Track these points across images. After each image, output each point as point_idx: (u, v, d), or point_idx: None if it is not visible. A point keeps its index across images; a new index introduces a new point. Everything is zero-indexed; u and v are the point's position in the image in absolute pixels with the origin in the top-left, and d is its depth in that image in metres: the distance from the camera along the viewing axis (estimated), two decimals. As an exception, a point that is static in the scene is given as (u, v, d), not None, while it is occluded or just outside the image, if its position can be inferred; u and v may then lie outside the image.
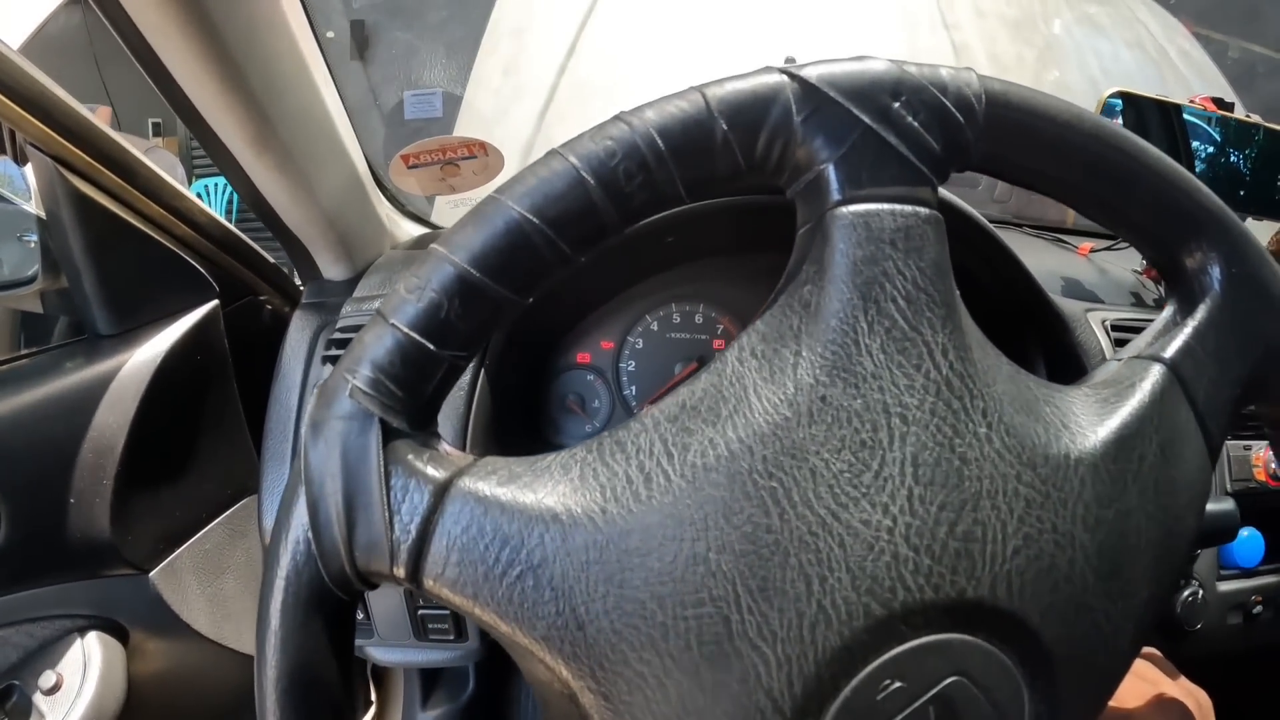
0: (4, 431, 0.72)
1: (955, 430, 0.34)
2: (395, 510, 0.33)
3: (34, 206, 0.79)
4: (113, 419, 0.75)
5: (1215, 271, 0.40)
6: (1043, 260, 0.95)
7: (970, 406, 0.35)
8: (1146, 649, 0.62)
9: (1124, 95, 0.97)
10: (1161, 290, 0.97)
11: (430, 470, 0.33)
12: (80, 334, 0.83)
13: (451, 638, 0.75)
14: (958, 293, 0.36)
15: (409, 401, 0.33)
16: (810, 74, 0.34)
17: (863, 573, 0.33)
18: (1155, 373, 0.40)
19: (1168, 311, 0.42)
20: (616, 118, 0.33)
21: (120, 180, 0.76)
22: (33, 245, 0.84)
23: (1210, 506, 0.56)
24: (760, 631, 0.32)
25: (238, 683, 0.88)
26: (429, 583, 0.33)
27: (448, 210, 1.04)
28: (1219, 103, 1.05)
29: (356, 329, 0.75)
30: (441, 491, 0.33)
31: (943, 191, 0.65)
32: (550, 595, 0.32)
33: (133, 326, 0.79)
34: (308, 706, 0.34)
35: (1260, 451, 0.80)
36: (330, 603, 0.34)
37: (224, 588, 0.85)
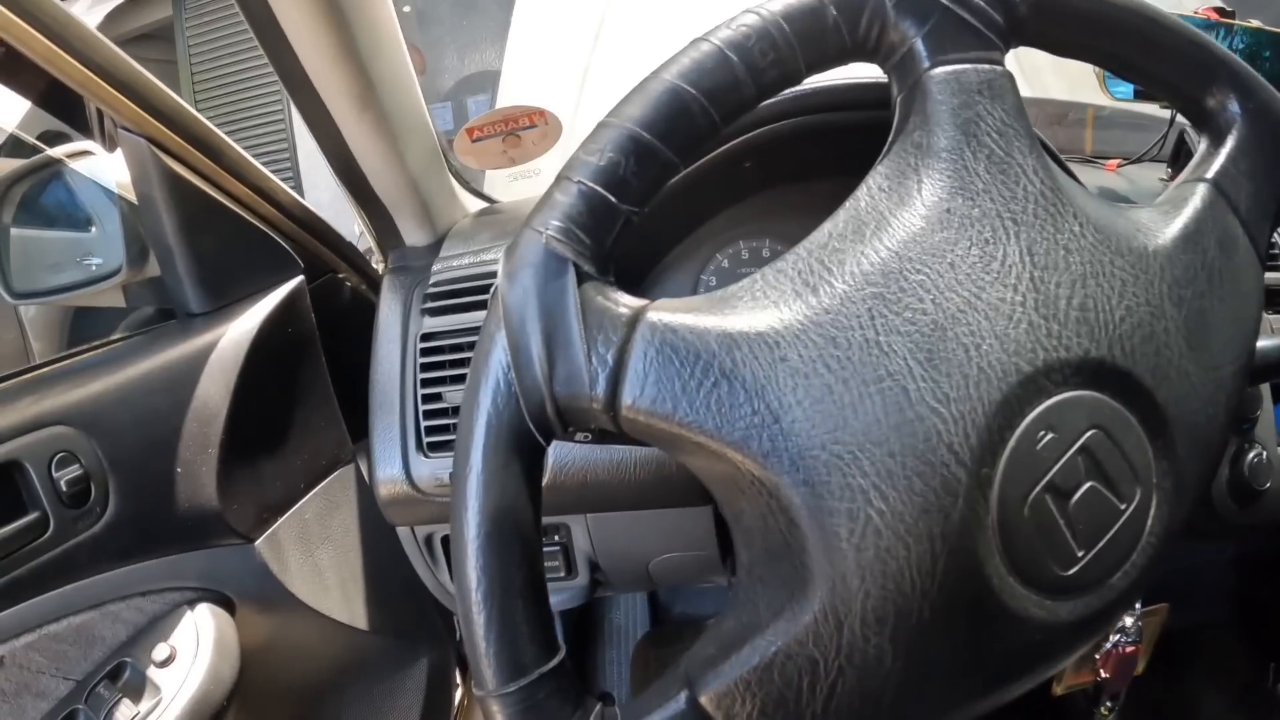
0: (108, 407, 0.74)
1: (1056, 228, 0.41)
2: (592, 342, 0.36)
3: (119, 189, 0.82)
4: (214, 390, 0.78)
5: (1234, 108, 0.48)
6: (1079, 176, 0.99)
7: (1063, 211, 0.42)
8: None
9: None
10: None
11: (620, 308, 0.37)
12: (149, 324, 0.86)
13: (562, 574, 0.78)
14: (1035, 130, 0.43)
15: (595, 249, 0.37)
16: None
17: (1008, 338, 0.38)
18: (1202, 189, 0.47)
19: (1202, 147, 0.49)
20: (747, 10, 0.40)
21: (209, 161, 0.79)
22: (94, 269, 0.88)
23: (1269, 341, 0.61)
24: (935, 394, 0.37)
25: (337, 653, 0.90)
26: (626, 405, 0.36)
27: (501, 184, 1.07)
28: (1221, 11, 1.11)
29: (451, 281, 0.79)
30: (633, 323, 0.37)
31: None
32: (745, 398, 0.36)
33: (225, 303, 0.81)
34: (508, 550, 0.37)
35: None
36: (528, 445, 0.37)
37: (322, 559, 0.87)
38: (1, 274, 0.91)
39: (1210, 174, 0.47)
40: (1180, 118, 1.12)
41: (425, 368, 0.78)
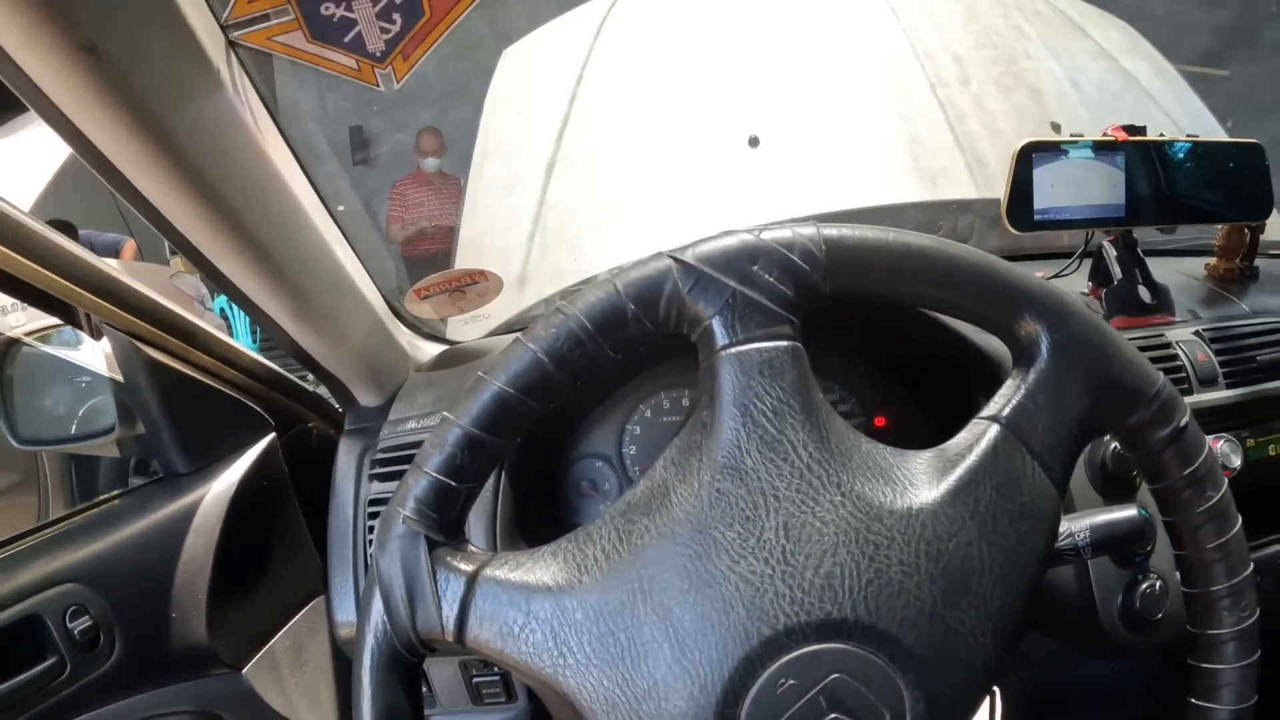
0: (110, 563, 0.86)
1: (815, 501, 0.47)
2: (442, 598, 0.47)
3: (108, 371, 0.94)
4: (200, 544, 0.89)
5: (1041, 338, 0.50)
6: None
7: (827, 483, 0.47)
8: None
9: (1035, 145, 1.02)
10: (1104, 307, 1.07)
11: (463, 566, 0.48)
12: (147, 469, 0.97)
13: (503, 699, 0.89)
14: (819, 396, 0.49)
15: (442, 521, 0.49)
16: (688, 256, 0.48)
17: (754, 606, 0.45)
18: (992, 432, 0.50)
19: (1012, 375, 0.52)
20: (556, 309, 0.48)
21: (182, 343, 0.90)
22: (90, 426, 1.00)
23: (1113, 515, 0.59)
24: (684, 651, 0.45)
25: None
26: (470, 644, 0.47)
27: (460, 326, 1.17)
28: (1130, 129, 1.10)
29: (395, 449, 0.89)
30: (473, 580, 0.48)
31: None
32: (551, 642, 0.46)
33: (206, 464, 0.93)
34: None
35: None
36: (402, 664, 0.49)
37: (306, 677, 0.99)
38: (8, 421, 1.03)
39: (1006, 412, 0.50)
40: (1096, 234, 1.11)
41: (374, 529, 0.88)
